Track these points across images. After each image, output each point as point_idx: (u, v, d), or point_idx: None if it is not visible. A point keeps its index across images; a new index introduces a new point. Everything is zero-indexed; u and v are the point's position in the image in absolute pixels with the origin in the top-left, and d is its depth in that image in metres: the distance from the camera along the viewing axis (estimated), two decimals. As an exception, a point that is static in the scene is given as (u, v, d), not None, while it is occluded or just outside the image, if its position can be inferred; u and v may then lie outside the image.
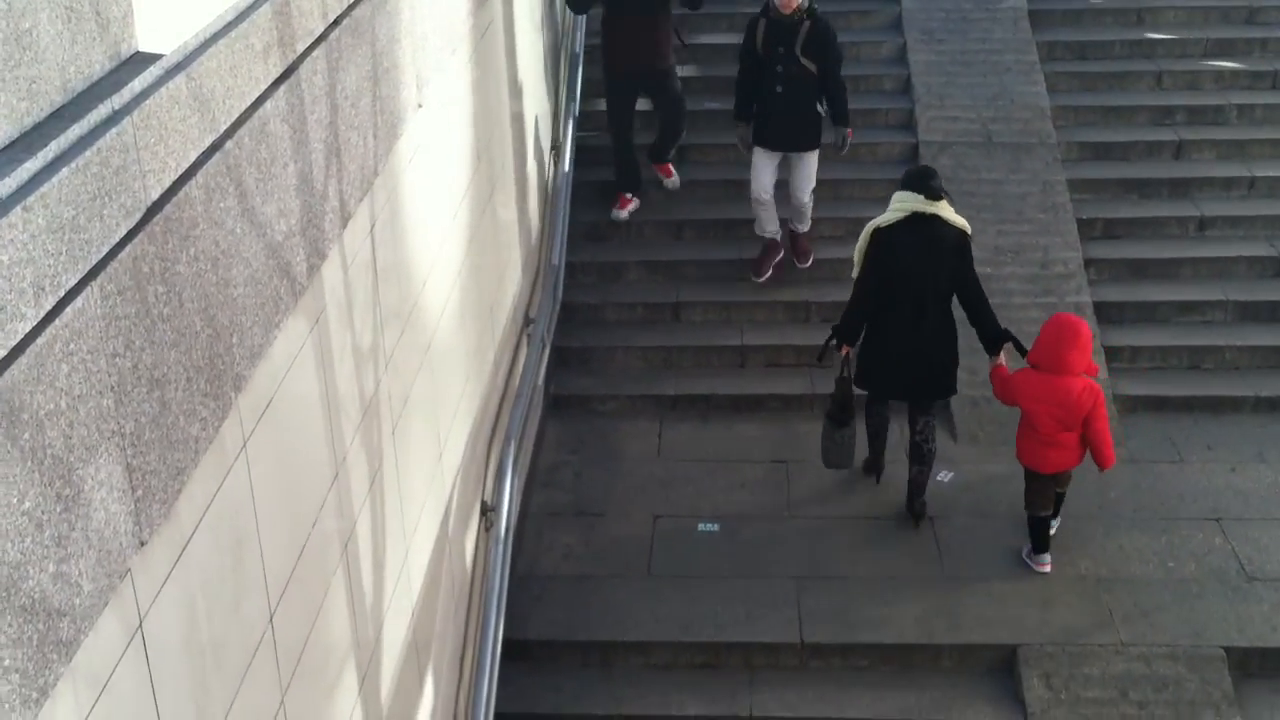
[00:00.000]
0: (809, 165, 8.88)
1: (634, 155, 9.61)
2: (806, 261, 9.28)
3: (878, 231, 7.19)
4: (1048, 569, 7.21)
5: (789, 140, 8.81)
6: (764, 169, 8.89)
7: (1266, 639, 6.72)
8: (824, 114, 8.83)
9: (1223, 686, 6.52)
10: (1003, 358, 7.25)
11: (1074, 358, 6.80)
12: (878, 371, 7.41)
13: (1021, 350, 7.13)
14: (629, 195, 9.69)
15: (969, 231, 7.26)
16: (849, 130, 8.83)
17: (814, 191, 9.01)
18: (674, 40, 9.38)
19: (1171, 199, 9.87)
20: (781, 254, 9.30)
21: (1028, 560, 7.26)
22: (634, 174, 9.68)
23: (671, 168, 9.85)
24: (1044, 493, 7.14)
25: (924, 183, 7.10)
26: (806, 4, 8.53)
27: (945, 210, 7.14)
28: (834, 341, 7.40)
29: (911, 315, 7.19)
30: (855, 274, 7.39)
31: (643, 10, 9.13)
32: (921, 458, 7.53)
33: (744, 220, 9.72)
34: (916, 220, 7.09)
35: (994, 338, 7.27)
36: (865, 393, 7.62)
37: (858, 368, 7.48)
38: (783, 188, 9.11)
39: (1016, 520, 7.50)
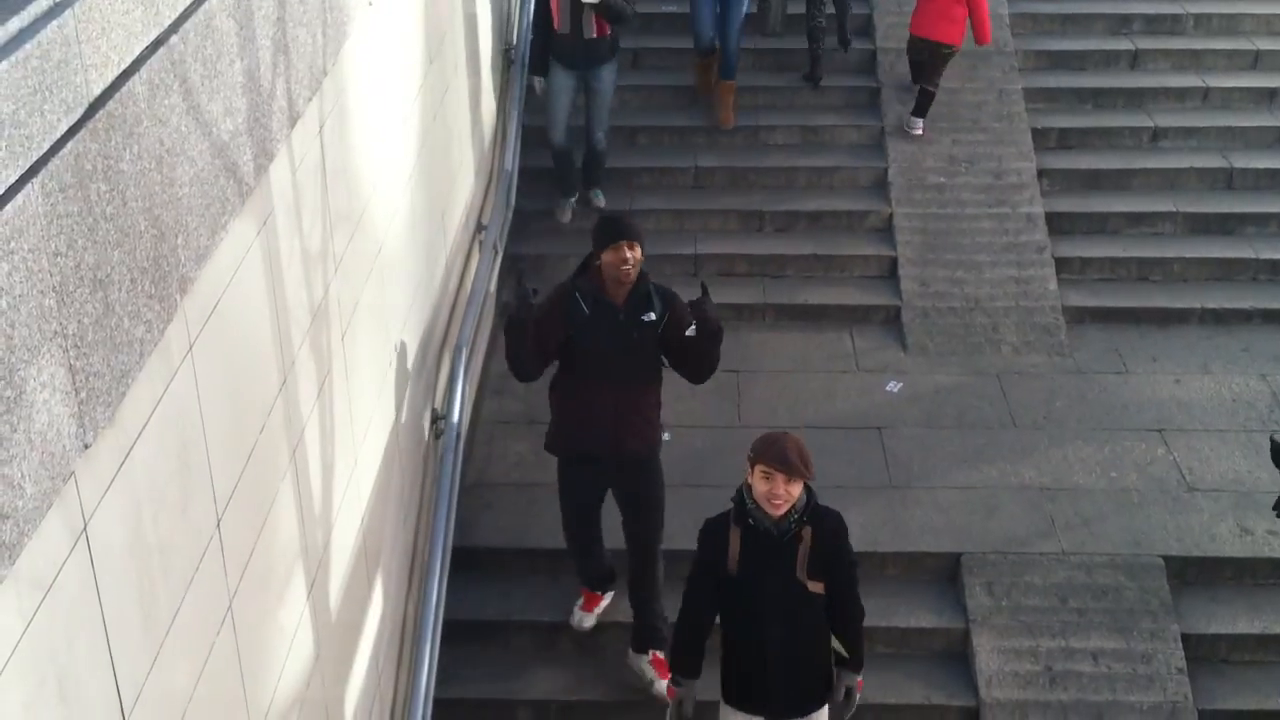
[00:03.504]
0: None
1: (603, 554, 6.54)
2: None
3: None
4: (919, 131, 9.48)
5: (792, 704, 5.34)
6: None
7: (1204, 548, 6.85)
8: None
9: (1160, 594, 6.64)
10: None
11: None
12: None
13: None
14: (599, 592, 6.70)
15: None
16: (860, 679, 5.39)
17: None
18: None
19: (1126, 109, 9.90)
20: None
21: (906, 125, 9.52)
22: (603, 570, 6.62)
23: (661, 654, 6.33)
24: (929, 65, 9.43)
25: None
26: (805, 500, 5.10)
27: None
28: None
29: None
30: None
31: (623, 376, 5.94)
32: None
33: (700, 127, 9.69)
34: None
35: None
36: None
37: None
38: None
39: (964, 429, 7.59)
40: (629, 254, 5.76)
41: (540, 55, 8.73)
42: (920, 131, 9.50)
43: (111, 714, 2.88)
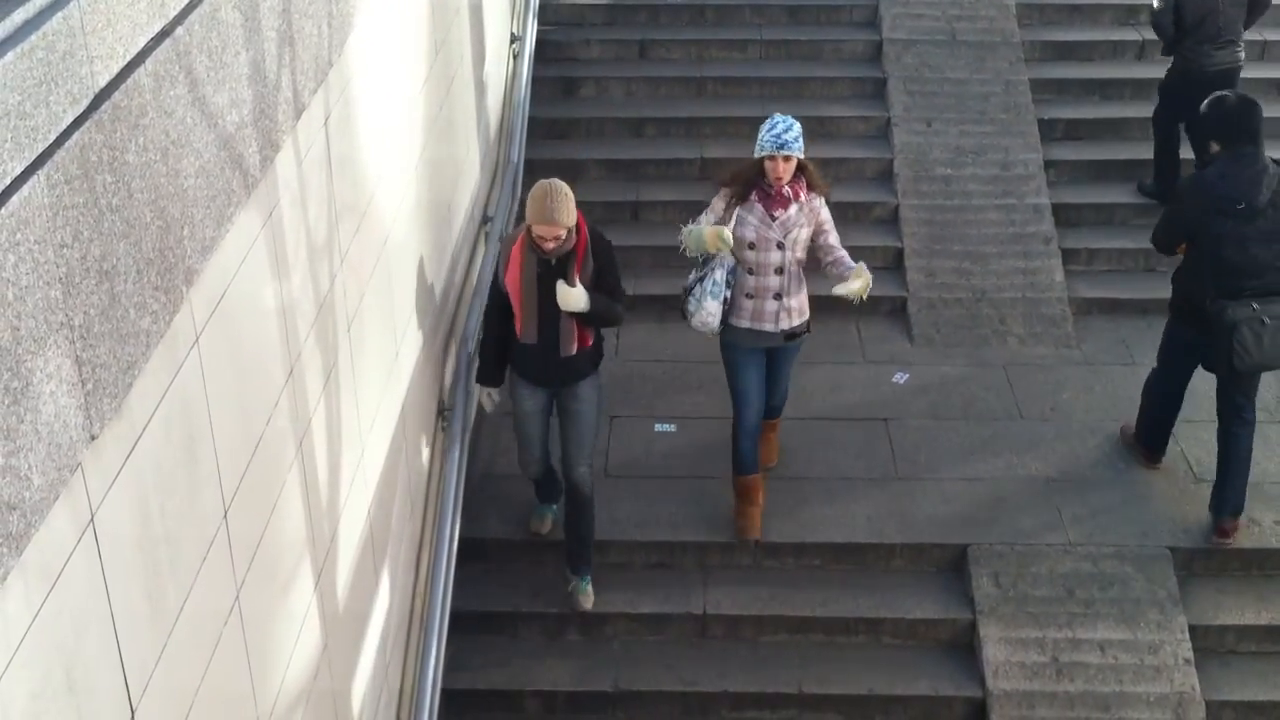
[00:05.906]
0: None
1: None
2: None
3: None
4: None
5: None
6: None
7: (1211, 539, 6.83)
8: None
9: (1168, 585, 6.64)
10: None
11: None
12: None
13: None
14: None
15: None
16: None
17: None
18: None
19: (1134, 100, 9.85)
20: None
21: None
22: None
23: None
24: None
25: None
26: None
27: None
28: None
29: None
30: None
31: None
32: None
33: (707, 118, 9.67)
34: None
35: None
36: None
37: None
38: None
39: (970, 420, 7.58)
40: None
41: (494, 363, 6.30)
42: None
43: (119, 704, 2.89)
